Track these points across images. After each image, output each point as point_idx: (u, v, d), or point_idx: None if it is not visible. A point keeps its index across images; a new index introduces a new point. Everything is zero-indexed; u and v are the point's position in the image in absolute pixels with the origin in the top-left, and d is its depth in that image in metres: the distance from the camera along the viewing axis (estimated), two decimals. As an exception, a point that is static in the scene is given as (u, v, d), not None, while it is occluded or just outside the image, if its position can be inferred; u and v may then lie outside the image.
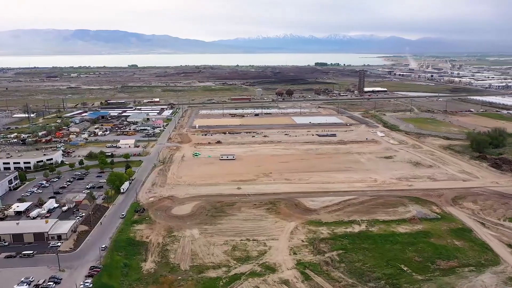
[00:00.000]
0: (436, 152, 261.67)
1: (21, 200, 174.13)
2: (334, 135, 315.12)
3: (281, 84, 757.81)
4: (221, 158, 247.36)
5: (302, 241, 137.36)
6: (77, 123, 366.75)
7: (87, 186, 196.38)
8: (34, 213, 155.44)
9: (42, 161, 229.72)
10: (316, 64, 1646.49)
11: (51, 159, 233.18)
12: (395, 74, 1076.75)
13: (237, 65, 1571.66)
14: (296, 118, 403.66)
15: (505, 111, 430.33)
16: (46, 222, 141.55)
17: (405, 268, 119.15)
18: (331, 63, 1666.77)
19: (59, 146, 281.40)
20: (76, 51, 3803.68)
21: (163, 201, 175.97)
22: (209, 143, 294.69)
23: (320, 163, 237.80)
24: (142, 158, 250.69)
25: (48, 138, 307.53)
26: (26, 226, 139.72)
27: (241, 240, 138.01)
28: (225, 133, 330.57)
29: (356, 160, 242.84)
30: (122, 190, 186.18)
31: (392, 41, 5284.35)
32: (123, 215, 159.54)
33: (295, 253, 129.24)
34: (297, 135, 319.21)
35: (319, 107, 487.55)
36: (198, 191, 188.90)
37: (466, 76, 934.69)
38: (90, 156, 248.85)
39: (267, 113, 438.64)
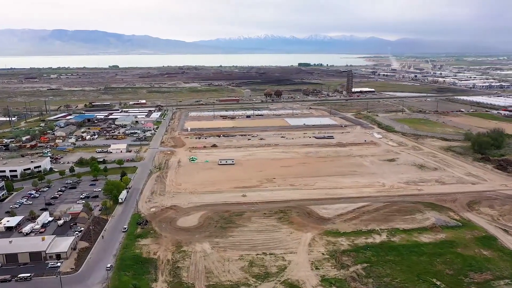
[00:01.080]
0: (438, 154, 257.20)
1: (10, 213, 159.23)
2: (331, 137, 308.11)
3: (267, 85, 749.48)
4: (219, 163, 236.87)
5: (322, 254, 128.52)
6: (62, 127, 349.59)
7: (81, 196, 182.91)
8: (27, 228, 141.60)
9: (29, 168, 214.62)
10: (300, 64, 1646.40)
11: (39, 166, 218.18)
12: (379, 74, 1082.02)
13: (221, 66, 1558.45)
14: (289, 119, 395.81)
15: (495, 111, 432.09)
16: (43, 239, 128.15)
17: (438, 283, 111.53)
18: (314, 64, 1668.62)
19: (46, 151, 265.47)
20: (54, 51, 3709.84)
21: (166, 211, 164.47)
22: (204, 147, 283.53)
23: (323, 167, 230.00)
24: (136, 164, 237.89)
25: (33, 143, 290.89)
26: (21, 245, 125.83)
27: (257, 254, 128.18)
28: (219, 136, 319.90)
29: (359, 164, 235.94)
30: (120, 200, 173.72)
31: (372, 41, 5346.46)
32: (125, 228, 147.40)
33: (317, 268, 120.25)
34: (294, 138, 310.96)
35: (310, 108, 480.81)
36: (201, 199, 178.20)
37: (449, 76, 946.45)
38: (81, 162, 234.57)
39: (259, 115, 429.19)
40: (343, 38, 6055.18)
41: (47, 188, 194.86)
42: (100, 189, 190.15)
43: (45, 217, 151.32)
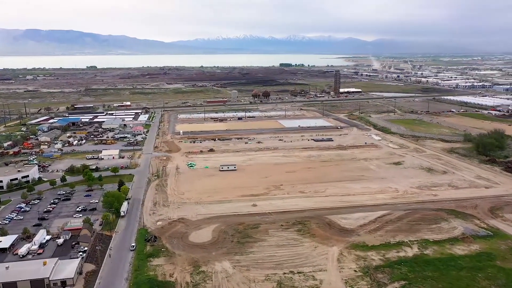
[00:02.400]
0: (442, 156, 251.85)
1: (1, 231, 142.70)
2: (331, 140, 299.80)
3: (252, 86, 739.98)
4: (221, 169, 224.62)
5: (355, 271, 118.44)
6: (46, 131, 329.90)
7: (77, 209, 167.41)
8: (23, 250, 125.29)
9: (16, 178, 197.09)
10: (281, 65, 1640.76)
11: (27, 176, 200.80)
12: (361, 74, 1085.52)
13: (202, 66, 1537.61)
14: (283, 121, 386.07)
15: (484, 111, 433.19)
16: (45, 263, 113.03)
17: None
18: (296, 64, 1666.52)
19: (32, 159, 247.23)
20: (28, 51, 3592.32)
21: (174, 225, 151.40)
22: (201, 151, 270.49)
23: (330, 172, 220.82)
24: (132, 171, 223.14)
25: (16, 149, 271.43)
26: (20, 271, 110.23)
27: (285, 273, 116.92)
28: (214, 139, 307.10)
29: (366, 168, 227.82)
30: (122, 213, 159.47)
31: (350, 42, 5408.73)
32: (133, 246, 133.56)
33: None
34: (292, 140, 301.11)
35: (301, 109, 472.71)
36: (209, 210, 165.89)
37: (430, 76, 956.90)
38: (72, 170, 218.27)
39: (250, 117, 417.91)
40: (321, 39, 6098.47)
41: (38, 201, 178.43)
42: (97, 201, 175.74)
43: (42, 235, 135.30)
